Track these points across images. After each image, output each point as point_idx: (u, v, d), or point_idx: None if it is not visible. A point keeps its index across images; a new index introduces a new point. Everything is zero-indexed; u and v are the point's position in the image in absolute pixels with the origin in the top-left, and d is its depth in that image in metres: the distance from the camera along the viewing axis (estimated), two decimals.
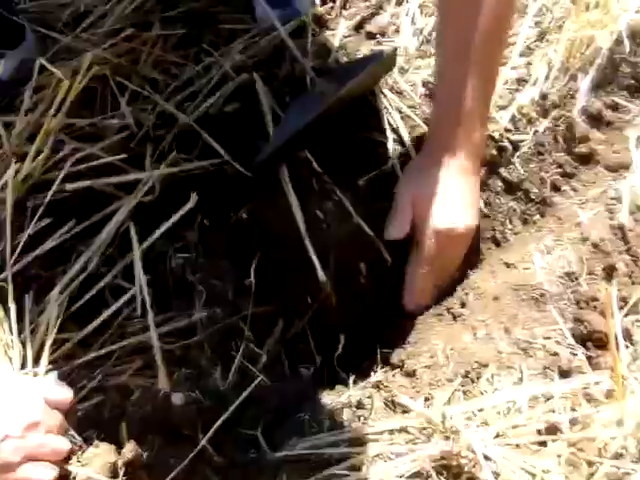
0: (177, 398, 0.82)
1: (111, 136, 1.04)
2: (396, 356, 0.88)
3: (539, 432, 0.77)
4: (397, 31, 1.18)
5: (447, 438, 0.75)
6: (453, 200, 0.94)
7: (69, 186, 0.94)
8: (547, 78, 1.08)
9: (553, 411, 0.78)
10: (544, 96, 1.07)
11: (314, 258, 0.94)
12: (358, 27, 1.19)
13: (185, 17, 1.19)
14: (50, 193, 0.93)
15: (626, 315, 0.86)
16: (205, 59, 1.13)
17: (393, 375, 0.87)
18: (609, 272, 0.90)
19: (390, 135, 1.06)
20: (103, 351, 0.84)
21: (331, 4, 1.21)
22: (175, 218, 0.93)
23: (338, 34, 1.16)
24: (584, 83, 1.08)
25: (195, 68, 1.11)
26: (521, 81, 1.10)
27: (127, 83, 1.08)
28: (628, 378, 0.78)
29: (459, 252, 0.97)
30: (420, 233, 0.95)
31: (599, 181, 1.02)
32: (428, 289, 0.97)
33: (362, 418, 0.81)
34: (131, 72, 1.10)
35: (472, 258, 1.00)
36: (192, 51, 1.16)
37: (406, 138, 1.06)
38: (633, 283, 0.89)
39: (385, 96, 1.09)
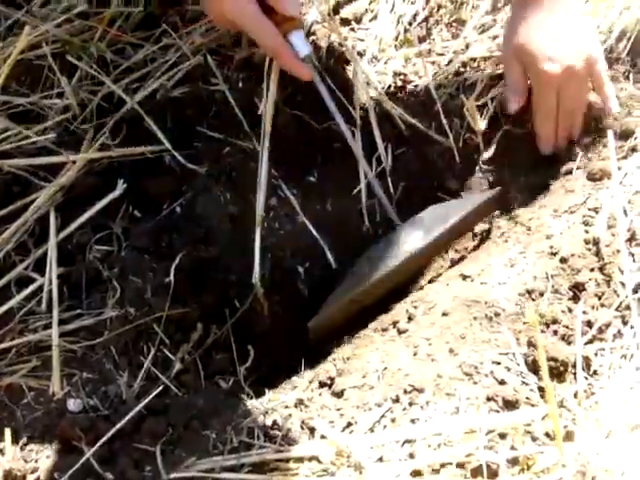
0: (73, 404, 0.74)
1: (52, 117, 0.97)
2: (325, 373, 0.78)
3: (472, 473, 0.67)
4: (375, 18, 1.09)
5: (360, 473, 0.66)
6: (560, 33, 0.87)
7: None
8: None
9: (490, 448, 0.68)
10: None
11: (257, 254, 0.85)
12: (333, 12, 1.10)
13: None
14: None
15: (589, 342, 0.75)
16: (164, 40, 1.06)
17: (319, 394, 0.77)
18: (576, 292, 0.79)
19: (353, 128, 0.97)
20: None
21: None
22: (98, 207, 0.85)
23: (309, 19, 1.07)
24: None
25: (150, 49, 1.04)
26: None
27: (76, 62, 1.02)
28: (576, 417, 0.67)
29: (579, 86, 0.89)
30: (533, 79, 0.90)
31: (579, 190, 0.90)
32: (561, 131, 0.92)
33: (274, 441, 0.72)
34: (83, 51, 1.03)
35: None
36: (153, 32, 1.09)
37: (376, 132, 0.97)
38: (602, 306, 0.78)
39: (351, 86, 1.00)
